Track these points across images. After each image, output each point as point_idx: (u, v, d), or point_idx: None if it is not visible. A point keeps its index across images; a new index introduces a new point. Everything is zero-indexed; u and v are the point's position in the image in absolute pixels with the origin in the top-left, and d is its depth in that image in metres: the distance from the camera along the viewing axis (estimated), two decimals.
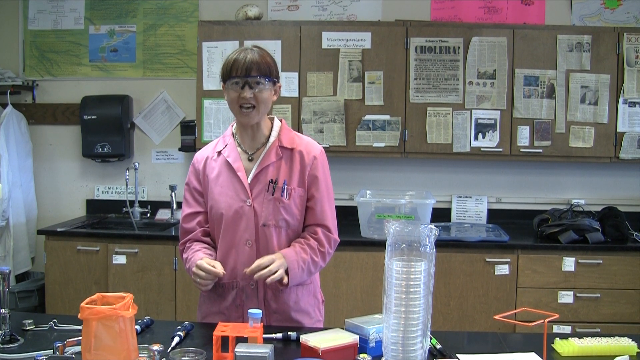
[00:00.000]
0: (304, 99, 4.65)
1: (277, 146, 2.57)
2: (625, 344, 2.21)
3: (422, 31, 4.61)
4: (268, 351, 1.87)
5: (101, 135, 5.02)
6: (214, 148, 2.66)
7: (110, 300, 1.92)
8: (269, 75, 2.49)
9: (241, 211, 2.52)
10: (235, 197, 2.53)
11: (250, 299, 2.54)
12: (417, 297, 1.90)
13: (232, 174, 2.56)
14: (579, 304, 4.25)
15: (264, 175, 2.54)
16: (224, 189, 2.55)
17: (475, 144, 4.61)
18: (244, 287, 2.54)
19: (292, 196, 2.54)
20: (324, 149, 2.67)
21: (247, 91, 2.46)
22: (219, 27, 4.69)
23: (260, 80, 2.47)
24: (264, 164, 2.55)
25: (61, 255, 4.49)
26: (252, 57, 2.47)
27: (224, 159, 2.59)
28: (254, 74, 2.45)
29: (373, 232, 4.35)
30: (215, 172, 2.59)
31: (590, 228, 4.29)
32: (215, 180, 2.58)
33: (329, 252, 2.61)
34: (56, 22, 5.22)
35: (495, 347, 2.33)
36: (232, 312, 2.56)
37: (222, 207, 2.54)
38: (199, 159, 2.67)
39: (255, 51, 2.50)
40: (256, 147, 2.60)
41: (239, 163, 2.56)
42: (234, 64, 2.47)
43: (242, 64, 2.45)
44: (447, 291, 4.28)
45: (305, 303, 2.63)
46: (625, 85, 4.55)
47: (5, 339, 2.21)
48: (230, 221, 2.54)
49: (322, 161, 2.62)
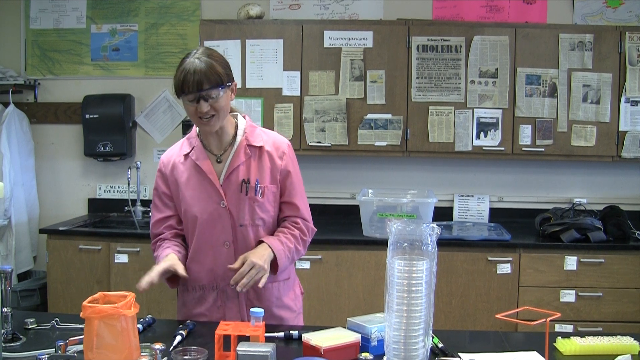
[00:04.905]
0: (305, 97, 4.64)
1: (245, 145, 2.56)
2: (627, 343, 2.20)
3: (424, 30, 4.61)
4: (270, 350, 1.87)
5: (103, 134, 5.03)
6: (180, 151, 2.63)
7: (112, 299, 1.92)
8: (221, 83, 2.42)
9: (216, 213, 2.52)
10: (208, 200, 2.53)
11: (231, 299, 2.55)
12: (419, 296, 1.90)
13: (202, 176, 2.54)
14: (581, 302, 4.24)
15: (235, 176, 2.53)
16: (196, 192, 2.55)
17: (477, 142, 4.61)
18: (224, 288, 2.54)
19: (266, 194, 2.55)
20: (290, 143, 2.69)
21: (203, 105, 2.40)
22: (220, 26, 4.69)
23: (213, 92, 2.41)
24: (234, 165, 2.54)
25: (63, 254, 4.49)
26: (200, 68, 2.38)
27: (193, 162, 2.57)
28: (205, 87, 2.38)
29: (375, 231, 4.35)
30: (185, 176, 2.57)
31: (592, 227, 4.29)
32: (186, 184, 2.57)
33: (309, 240, 2.67)
34: (58, 21, 5.22)
35: (497, 346, 2.34)
36: (213, 313, 2.55)
37: (196, 210, 2.53)
38: (165, 163, 2.65)
39: (203, 60, 2.39)
40: (224, 147, 2.58)
41: (208, 165, 2.54)
42: (184, 80, 2.38)
43: (192, 80, 2.37)
44: (449, 290, 4.28)
45: (287, 298, 2.65)
46: (627, 84, 4.54)
47: (8, 338, 2.21)
48: (205, 224, 2.53)
49: (291, 155, 2.64)
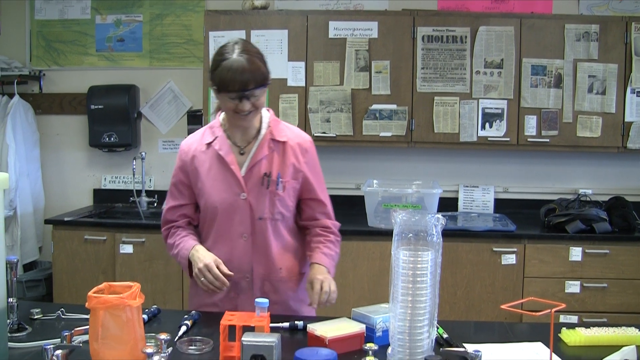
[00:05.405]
0: (310, 88, 4.64)
1: (268, 139, 2.56)
2: (632, 334, 2.21)
3: (429, 20, 4.59)
4: (275, 340, 1.87)
5: (108, 125, 5.03)
6: (201, 139, 2.62)
7: (118, 290, 1.92)
8: (264, 82, 2.41)
9: (235, 204, 2.52)
10: (228, 191, 2.53)
11: (245, 292, 2.56)
12: (423, 287, 1.90)
13: (224, 167, 2.54)
14: (585, 293, 4.24)
15: (257, 169, 2.53)
16: (217, 183, 2.55)
17: (482, 133, 4.60)
18: (239, 280, 2.55)
19: (287, 188, 2.56)
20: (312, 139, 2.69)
21: (246, 104, 2.39)
22: (225, 16, 4.68)
23: (257, 92, 2.39)
24: (257, 158, 2.54)
25: (68, 244, 4.51)
26: (246, 67, 2.34)
27: (215, 152, 2.56)
28: (250, 86, 2.36)
29: (380, 221, 4.35)
30: (207, 165, 2.57)
31: (597, 218, 4.28)
32: (206, 174, 2.56)
33: (340, 239, 2.71)
34: (63, 12, 5.21)
35: (502, 336, 2.34)
36: (225, 304, 2.54)
37: (216, 200, 2.54)
38: (185, 151, 2.63)
39: (246, 58, 2.35)
40: (247, 140, 2.58)
41: (231, 156, 2.54)
42: (229, 79, 2.35)
43: (238, 80, 2.34)
44: (454, 281, 4.28)
45: (303, 291, 2.65)
46: (633, 75, 4.52)
47: (13, 328, 2.22)
48: (224, 214, 2.54)
49: (313, 152, 2.65)
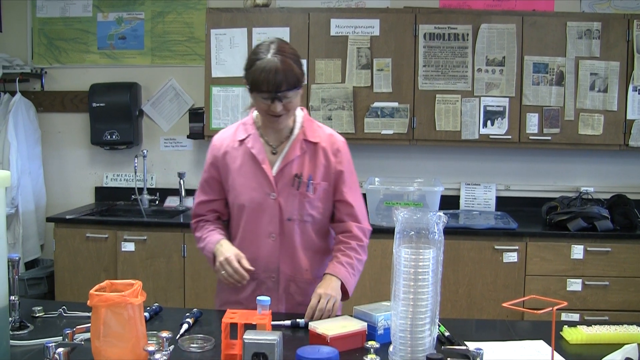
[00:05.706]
0: (312, 86, 4.63)
1: (301, 140, 2.54)
2: (634, 332, 2.21)
3: (430, 18, 4.58)
4: (276, 338, 1.87)
5: (110, 122, 5.03)
6: (234, 135, 2.60)
7: (119, 288, 1.92)
8: (297, 85, 2.39)
9: (265, 204, 2.51)
10: (258, 190, 2.52)
11: (270, 291, 2.52)
12: (425, 285, 1.90)
13: (256, 165, 2.53)
14: (587, 291, 4.24)
15: (289, 170, 2.52)
16: (247, 181, 2.53)
17: (484, 131, 4.60)
18: (265, 279, 2.55)
19: (317, 190, 2.53)
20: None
21: (278, 105, 2.37)
22: (227, 14, 4.68)
23: (290, 93, 2.38)
24: (288, 159, 2.52)
25: (70, 242, 4.51)
26: (280, 68, 2.32)
27: (247, 149, 2.55)
28: (283, 88, 2.34)
29: (381, 219, 4.35)
30: (238, 162, 2.56)
31: (599, 216, 4.28)
32: (238, 171, 2.55)
33: (367, 242, 2.64)
34: (64, 10, 5.21)
35: (504, 334, 2.34)
36: (250, 302, 2.50)
37: (245, 198, 2.53)
38: (217, 146, 2.62)
39: (278, 58, 2.34)
40: (280, 140, 2.56)
41: (263, 155, 2.53)
42: (263, 80, 2.33)
43: (272, 81, 2.32)
44: (456, 279, 4.28)
45: None
46: (635, 73, 4.51)
47: (15, 326, 2.22)
48: (252, 213, 2.53)
49: (346, 153, 2.61)
